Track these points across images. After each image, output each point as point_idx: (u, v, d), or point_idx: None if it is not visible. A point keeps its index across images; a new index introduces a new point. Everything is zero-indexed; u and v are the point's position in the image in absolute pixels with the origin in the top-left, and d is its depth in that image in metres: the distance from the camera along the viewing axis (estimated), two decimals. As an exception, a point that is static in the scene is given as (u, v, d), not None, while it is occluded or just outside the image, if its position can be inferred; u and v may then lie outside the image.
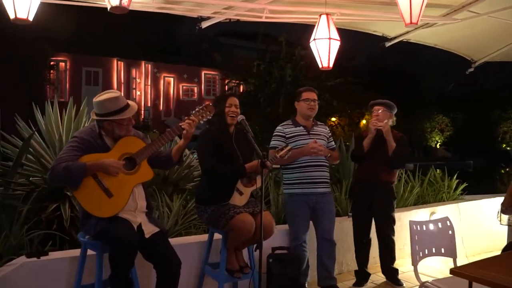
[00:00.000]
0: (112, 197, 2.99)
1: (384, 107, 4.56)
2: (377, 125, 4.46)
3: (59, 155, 3.02)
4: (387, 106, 4.57)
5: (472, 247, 5.73)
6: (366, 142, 4.50)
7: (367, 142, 4.49)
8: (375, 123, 4.47)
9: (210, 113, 3.36)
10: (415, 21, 3.97)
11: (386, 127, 4.45)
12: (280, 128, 4.32)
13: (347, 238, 5.08)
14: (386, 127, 4.45)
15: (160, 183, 5.34)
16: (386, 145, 4.47)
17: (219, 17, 4.89)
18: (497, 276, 2.42)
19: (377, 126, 4.45)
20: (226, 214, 3.47)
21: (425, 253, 3.56)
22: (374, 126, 4.47)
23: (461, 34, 5.89)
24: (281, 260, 3.96)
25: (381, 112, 4.54)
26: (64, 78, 22.83)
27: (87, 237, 3.11)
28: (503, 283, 2.33)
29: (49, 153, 4.77)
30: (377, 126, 4.46)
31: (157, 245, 3.12)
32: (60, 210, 4.20)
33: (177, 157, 3.37)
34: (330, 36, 4.52)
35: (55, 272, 3.32)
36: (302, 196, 4.17)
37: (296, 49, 15.41)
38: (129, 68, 24.63)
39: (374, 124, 4.47)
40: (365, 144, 4.50)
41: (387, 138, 4.44)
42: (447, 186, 6.72)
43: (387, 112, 4.54)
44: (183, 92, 26.47)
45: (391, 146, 4.44)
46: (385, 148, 4.47)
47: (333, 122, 18.06)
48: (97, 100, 3.08)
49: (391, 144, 4.44)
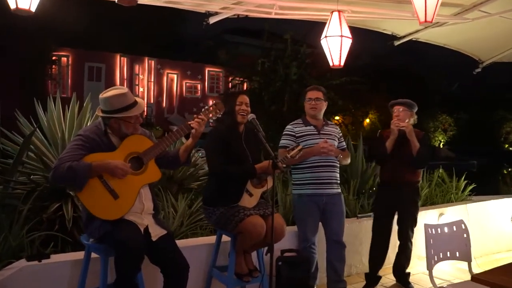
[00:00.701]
0: (118, 198, 2.87)
1: (405, 107, 4.45)
2: (399, 125, 4.35)
3: (63, 154, 2.88)
4: (407, 106, 4.46)
5: (480, 248, 5.69)
6: (389, 143, 4.38)
7: (390, 143, 4.38)
8: (397, 124, 4.36)
9: (220, 111, 3.25)
10: (430, 19, 3.91)
11: (409, 127, 4.35)
12: (290, 127, 4.21)
13: (356, 241, 5.01)
14: (409, 127, 4.35)
15: (165, 182, 5.22)
16: (409, 145, 4.36)
17: (227, 12, 4.79)
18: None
19: (400, 127, 4.35)
20: (236, 216, 3.35)
21: (440, 257, 3.50)
22: (396, 127, 4.36)
23: (471, 34, 5.86)
24: (291, 263, 3.87)
25: (402, 111, 4.43)
26: (66, 73, 22.72)
27: (91, 240, 2.99)
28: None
29: (51, 151, 4.65)
30: (399, 127, 4.35)
31: (164, 248, 3.01)
32: (62, 210, 4.06)
33: (184, 157, 3.26)
34: (342, 34, 4.43)
35: (57, 276, 3.20)
36: (312, 197, 4.07)
37: (302, 47, 15.30)
38: (132, 64, 24.52)
39: (396, 125, 4.36)
40: (388, 145, 4.38)
41: (411, 138, 4.34)
42: (455, 187, 6.65)
43: (407, 112, 4.44)
44: (187, 89, 26.38)
45: (415, 146, 4.34)
46: (409, 148, 4.36)
47: (337, 121, 17.93)
48: (104, 96, 2.96)
49: (415, 145, 4.34)
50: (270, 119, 13.60)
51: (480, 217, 6.12)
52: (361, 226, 5.07)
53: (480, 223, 6.04)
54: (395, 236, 4.68)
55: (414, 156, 4.35)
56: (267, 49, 15.79)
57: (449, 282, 4.68)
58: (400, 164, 4.40)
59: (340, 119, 19.56)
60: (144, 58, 25.00)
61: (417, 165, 4.49)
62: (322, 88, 4.30)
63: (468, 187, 6.68)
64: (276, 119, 13.82)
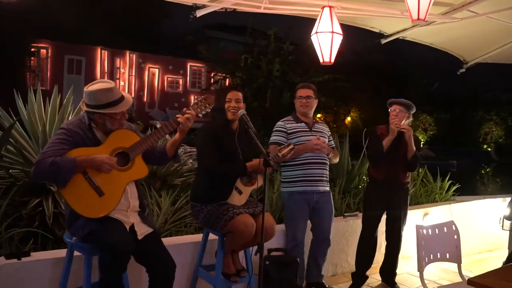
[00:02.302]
0: (103, 195, 2.75)
1: (403, 107, 4.40)
2: (400, 127, 4.30)
3: (45, 149, 2.74)
4: (406, 107, 4.41)
5: (465, 248, 5.67)
6: (387, 142, 4.33)
7: (388, 142, 4.33)
8: (398, 125, 4.31)
9: (209, 106, 3.13)
10: (423, 17, 3.88)
11: (410, 130, 4.33)
12: (281, 124, 4.15)
13: (342, 239, 4.97)
14: (410, 130, 4.33)
15: (148, 178, 5.09)
16: (403, 146, 4.34)
17: (215, 5, 4.66)
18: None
19: (400, 128, 4.31)
20: (225, 214, 3.26)
21: (430, 258, 3.48)
22: (397, 128, 4.31)
23: (457, 33, 5.88)
24: (278, 262, 3.80)
25: (400, 112, 4.38)
26: (45, 66, 22.29)
27: (74, 238, 2.87)
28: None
29: (31, 145, 4.49)
30: (400, 128, 4.31)
31: (150, 247, 2.91)
32: (42, 206, 3.92)
33: (172, 152, 3.14)
34: (333, 30, 4.38)
35: (37, 275, 3.06)
36: (303, 195, 4.03)
37: (285, 44, 15.28)
38: (113, 57, 24.11)
39: (397, 126, 4.31)
40: (385, 144, 4.33)
41: (409, 142, 4.32)
42: (440, 187, 6.67)
43: (404, 113, 4.39)
44: (168, 83, 26.07)
45: (411, 149, 4.33)
46: (403, 149, 4.35)
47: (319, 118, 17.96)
48: (89, 90, 2.82)
49: (412, 148, 4.33)
50: (253, 115, 13.53)
51: (464, 217, 6.13)
52: (347, 225, 5.03)
53: (464, 224, 6.03)
54: (381, 236, 4.65)
55: (409, 159, 4.35)
56: (250, 45, 15.74)
57: (435, 283, 4.68)
58: (395, 165, 4.37)
59: (322, 117, 19.60)
60: (126, 52, 24.63)
61: (411, 168, 4.50)
62: (313, 85, 4.25)
63: (452, 187, 6.71)
64: (258, 115, 13.78)
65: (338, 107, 25.07)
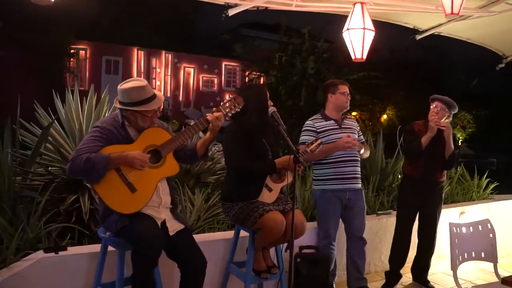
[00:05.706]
0: (135, 192, 2.81)
1: (445, 105, 4.33)
2: (440, 125, 4.23)
3: (80, 146, 2.82)
4: (448, 105, 4.33)
5: (502, 249, 5.52)
6: (426, 140, 4.26)
7: (427, 140, 4.26)
8: (438, 122, 4.24)
9: (238, 106, 3.16)
10: (457, 11, 3.81)
11: (449, 129, 4.24)
12: (310, 123, 4.12)
13: (376, 238, 4.93)
14: (449, 129, 4.24)
15: (181, 176, 5.17)
16: (442, 144, 4.27)
17: (247, 4, 4.69)
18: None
19: (440, 126, 4.23)
20: (255, 212, 3.26)
21: (464, 257, 3.41)
22: (437, 125, 4.24)
23: (495, 28, 5.73)
24: (310, 260, 3.80)
25: (440, 110, 4.31)
26: (84, 66, 22.79)
27: (108, 233, 2.94)
28: None
29: (68, 143, 4.62)
30: (440, 126, 4.23)
31: (182, 243, 2.95)
32: (79, 202, 4.03)
33: (202, 151, 3.18)
34: (364, 26, 4.35)
35: (73, 268, 3.15)
36: (336, 193, 4.01)
37: (319, 41, 15.15)
38: (149, 57, 24.44)
39: (437, 124, 4.23)
40: (424, 142, 4.26)
41: (448, 140, 4.25)
42: (477, 185, 6.52)
43: (445, 112, 4.32)
44: (203, 83, 26.25)
45: (450, 148, 4.26)
46: (441, 147, 4.27)
47: (354, 116, 17.76)
48: (122, 87, 2.89)
49: (450, 146, 4.26)
50: (287, 113, 13.47)
51: (502, 216, 5.98)
52: (381, 224, 4.98)
53: (502, 223, 5.89)
54: (413, 234, 4.59)
55: (447, 157, 4.28)
56: (285, 43, 15.65)
57: (471, 283, 4.59)
58: (432, 163, 4.31)
59: (357, 115, 19.38)
60: (161, 52, 24.93)
61: (448, 167, 4.43)
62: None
63: (490, 185, 6.55)
64: (293, 113, 13.71)
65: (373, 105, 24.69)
